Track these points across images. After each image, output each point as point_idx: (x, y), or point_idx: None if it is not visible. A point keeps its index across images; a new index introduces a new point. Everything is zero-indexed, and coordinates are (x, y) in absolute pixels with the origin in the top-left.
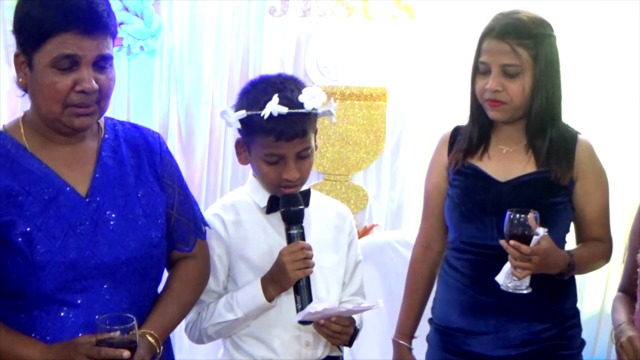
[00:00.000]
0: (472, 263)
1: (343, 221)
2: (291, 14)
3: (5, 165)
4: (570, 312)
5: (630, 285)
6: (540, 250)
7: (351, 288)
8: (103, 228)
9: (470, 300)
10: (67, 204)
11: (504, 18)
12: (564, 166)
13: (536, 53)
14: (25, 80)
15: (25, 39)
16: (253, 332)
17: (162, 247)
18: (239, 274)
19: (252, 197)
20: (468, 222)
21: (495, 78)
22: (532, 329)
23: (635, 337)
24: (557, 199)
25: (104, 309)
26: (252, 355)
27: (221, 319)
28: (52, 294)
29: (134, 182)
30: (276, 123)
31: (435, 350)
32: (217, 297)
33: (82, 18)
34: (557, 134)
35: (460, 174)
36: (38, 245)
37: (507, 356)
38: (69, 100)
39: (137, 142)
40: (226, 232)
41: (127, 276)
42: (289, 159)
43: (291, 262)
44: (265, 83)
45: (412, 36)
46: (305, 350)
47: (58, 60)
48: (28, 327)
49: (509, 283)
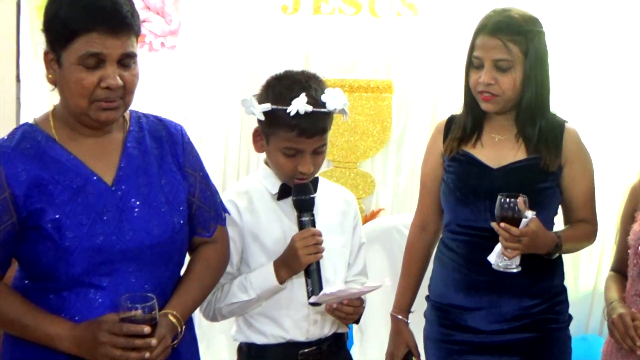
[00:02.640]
0: (466, 244)
1: (348, 206)
2: (302, 12)
3: (36, 157)
4: (558, 289)
5: (622, 265)
6: (529, 232)
7: (355, 268)
8: (128, 215)
9: (464, 279)
10: (94, 192)
11: (497, 15)
12: (552, 153)
13: (526, 48)
14: (54, 77)
15: (54, 38)
16: (265, 312)
17: (184, 232)
18: (252, 257)
19: (264, 183)
20: (462, 205)
21: (488, 72)
22: (523, 305)
23: (626, 314)
24: (546, 184)
25: (129, 291)
26: (263, 333)
27: (235, 299)
28: (80, 276)
29: (158, 171)
30: (300, 120)
31: (432, 325)
32: (231, 278)
33: (107, 18)
34: (546, 123)
35: (455, 161)
36: (67, 231)
37: (499, 330)
38: (95, 96)
39: (161, 134)
40: (240, 218)
41: (151, 260)
42: (306, 154)
43: (303, 248)
44: (291, 79)
45: (416, 32)
46: (313, 328)
47: (84, 58)
48: (57, 308)
49: (500, 262)
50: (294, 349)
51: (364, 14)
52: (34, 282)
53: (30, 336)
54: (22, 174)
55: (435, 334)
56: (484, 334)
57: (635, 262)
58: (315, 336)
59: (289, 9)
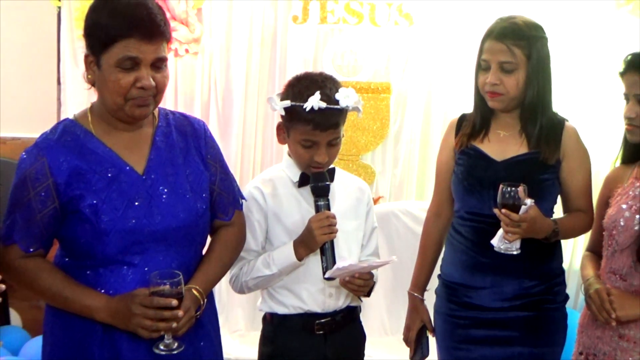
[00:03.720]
0: (473, 229)
1: (362, 194)
2: (310, 22)
3: (76, 148)
4: (556, 271)
5: (597, 245)
6: (527, 218)
7: (368, 249)
8: (157, 201)
9: (471, 260)
10: (126, 180)
11: (503, 22)
12: (552, 148)
13: (529, 52)
14: (93, 77)
15: (95, 43)
16: (285, 285)
17: (206, 216)
18: (275, 237)
19: (287, 172)
20: (470, 194)
21: (494, 73)
22: (523, 285)
23: (602, 289)
24: (546, 176)
25: (158, 268)
26: (284, 304)
27: (259, 273)
28: (115, 255)
29: (183, 162)
30: (315, 115)
31: (441, 301)
32: (257, 255)
33: (143, 26)
34: (547, 121)
35: (464, 154)
36: (103, 215)
37: (501, 307)
38: (130, 95)
39: (186, 129)
40: (265, 202)
41: (177, 241)
42: (321, 145)
43: (318, 228)
44: (309, 80)
45: (411, 40)
46: (329, 300)
47: (122, 61)
48: (93, 283)
49: (501, 245)
50: (311, 319)
51: (365, 24)
52: (73, 259)
53: (70, 307)
54: (63, 164)
55: (444, 309)
56: (487, 310)
57: (609, 243)
58: (330, 308)
59: (299, 19)
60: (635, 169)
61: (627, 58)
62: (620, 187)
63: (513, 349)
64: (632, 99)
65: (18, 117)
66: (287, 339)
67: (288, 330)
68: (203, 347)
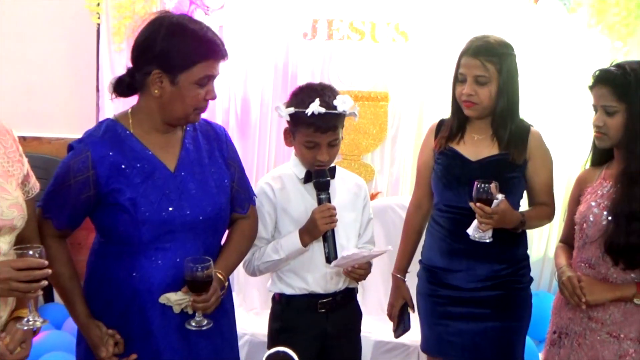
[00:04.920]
0: (450, 220)
1: (359, 189)
2: (319, 38)
3: (116, 145)
4: (522, 256)
5: (569, 238)
6: (499, 210)
7: (365, 238)
8: (186, 195)
9: (448, 247)
10: (160, 176)
11: (477, 41)
12: (519, 150)
13: (500, 67)
14: (160, 91)
15: (172, 64)
16: (292, 269)
17: (227, 210)
18: (283, 226)
19: (294, 170)
20: (448, 190)
21: (469, 85)
22: (494, 268)
23: (573, 277)
24: (514, 174)
25: (185, 254)
26: (291, 286)
27: (269, 258)
28: (149, 242)
29: (208, 162)
30: (315, 119)
31: (423, 282)
32: (267, 242)
33: (218, 49)
34: (515, 126)
35: (443, 155)
36: (140, 207)
37: (475, 288)
38: (200, 105)
39: (209, 134)
40: (274, 196)
41: (203, 230)
42: (322, 146)
43: (321, 218)
44: (310, 89)
45: (407, 54)
46: (330, 283)
47: (202, 79)
48: (129, 267)
49: (476, 234)
50: (315, 299)
51: (367, 40)
52: (112, 246)
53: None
54: (105, 159)
55: (425, 289)
56: (463, 290)
57: (580, 235)
58: (331, 289)
59: (308, 35)
60: (603, 170)
61: (596, 74)
62: (590, 186)
63: (485, 323)
64: (600, 109)
65: (62, 119)
66: (293, 316)
67: (294, 308)
68: (223, 323)
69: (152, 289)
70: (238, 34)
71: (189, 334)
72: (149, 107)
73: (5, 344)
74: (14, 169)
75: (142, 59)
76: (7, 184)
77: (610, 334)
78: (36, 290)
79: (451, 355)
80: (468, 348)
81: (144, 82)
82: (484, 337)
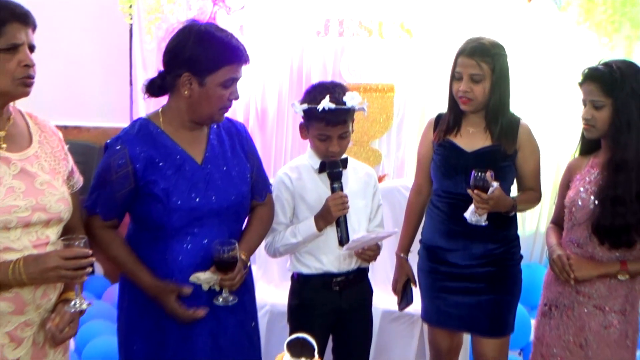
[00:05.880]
0: (448, 204)
1: (370, 178)
2: (331, 35)
3: (150, 142)
4: (513, 236)
5: (559, 219)
6: (494, 197)
7: (375, 222)
8: (212, 185)
9: (447, 229)
10: (189, 169)
11: (472, 42)
12: (510, 142)
13: (493, 66)
14: (189, 92)
15: (201, 68)
16: (309, 251)
17: (248, 198)
18: (300, 212)
19: (309, 161)
20: (445, 178)
21: (465, 83)
22: (487, 248)
23: (563, 255)
24: (505, 164)
25: (212, 238)
26: (308, 266)
27: (288, 241)
28: (180, 228)
29: (230, 156)
30: (326, 114)
31: (423, 260)
32: (286, 226)
33: (242, 54)
34: (506, 120)
35: (441, 146)
36: (173, 196)
37: (470, 265)
38: (225, 105)
39: (231, 130)
40: (292, 185)
41: (228, 217)
42: (334, 138)
43: (334, 206)
44: (322, 87)
45: (411, 50)
46: (343, 263)
47: (227, 82)
48: (163, 250)
49: (473, 218)
50: (329, 278)
51: (375, 37)
52: (146, 231)
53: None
54: (141, 154)
55: (425, 266)
56: (460, 267)
57: (569, 218)
58: (344, 269)
59: (321, 33)
60: (591, 159)
61: (585, 71)
62: (579, 173)
63: (480, 297)
64: (589, 104)
65: (99, 110)
66: (310, 294)
67: (311, 286)
68: (245, 299)
69: (182, 269)
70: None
71: (216, 309)
72: (178, 107)
73: (55, 324)
74: (60, 167)
75: (173, 63)
76: (54, 181)
77: (596, 307)
78: (82, 277)
79: (449, 325)
80: (464, 318)
81: (174, 84)
82: (478, 308)
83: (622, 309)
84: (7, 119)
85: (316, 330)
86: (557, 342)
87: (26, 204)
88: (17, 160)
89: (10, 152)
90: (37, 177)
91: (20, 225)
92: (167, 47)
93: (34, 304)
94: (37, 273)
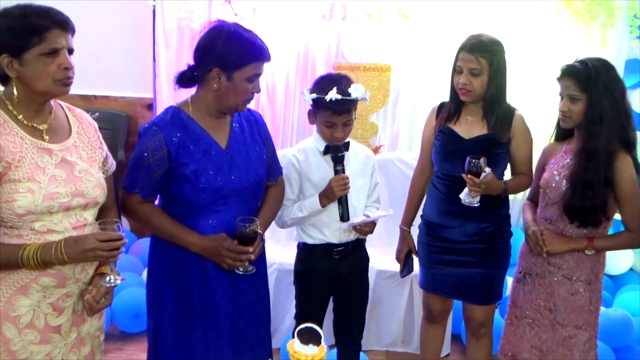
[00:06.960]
0: (446, 186)
1: (368, 159)
2: (335, 19)
3: (181, 127)
4: (504, 216)
5: (534, 197)
6: (486, 181)
7: (372, 198)
8: (236, 167)
9: (445, 208)
10: (215, 153)
11: (472, 39)
12: (505, 130)
13: (491, 61)
14: (218, 85)
15: (229, 64)
16: (313, 224)
17: (264, 179)
18: (306, 190)
19: (315, 144)
20: (445, 162)
21: (465, 76)
22: (481, 226)
23: (537, 231)
24: (499, 151)
25: (234, 215)
26: (312, 237)
27: (295, 215)
28: (207, 205)
29: (250, 141)
30: (333, 104)
31: (423, 234)
32: (293, 202)
33: (266, 52)
34: (502, 110)
35: (442, 132)
36: (201, 177)
37: (464, 241)
38: (249, 97)
39: (250, 119)
40: (299, 165)
41: (248, 196)
42: (339, 125)
43: (336, 186)
44: (329, 78)
45: (407, 32)
46: (343, 235)
47: (252, 77)
48: (190, 224)
49: (466, 199)
50: (331, 247)
51: (374, 20)
52: (175, 208)
53: (174, 241)
54: (174, 139)
55: (424, 240)
56: (455, 242)
57: (543, 197)
58: (344, 240)
59: (326, 16)
60: (564, 145)
61: (563, 67)
62: (553, 157)
63: (471, 269)
64: (566, 97)
65: (125, 82)
66: (313, 261)
67: (314, 255)
68: (260, 267)
69: None
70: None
71: (236, 277)
72: (206, 98)
73: (92, 295)
74: (96, 155)
75: (205, 59)
76: (91, 169)
77: (564, 276)
78: (115, 256)
79: (443, 292)
80: (456, 287)
81: (204, 77)
82: (469, 279)
83: (588, 279)
84: (49, 112)
85: (318, 292)
86: (529, 305)
87: (66, 191)
88: (58, 151)
89: (52, 144)
90: (76, 165)
91: (62, 209)
92: (199, 45)
93: (74, 278)
94: (76, 253)
